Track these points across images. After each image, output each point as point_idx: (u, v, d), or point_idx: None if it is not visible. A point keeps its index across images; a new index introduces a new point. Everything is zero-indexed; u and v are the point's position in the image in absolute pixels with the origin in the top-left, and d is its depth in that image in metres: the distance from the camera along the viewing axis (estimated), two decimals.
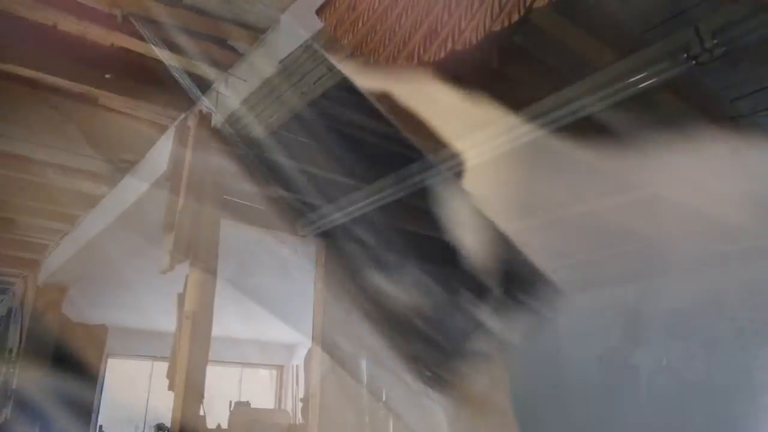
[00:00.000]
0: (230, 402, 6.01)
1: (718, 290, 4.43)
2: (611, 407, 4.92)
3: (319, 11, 1.65)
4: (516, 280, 4.52)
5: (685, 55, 2.04)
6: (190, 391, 2.02)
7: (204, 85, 2.29)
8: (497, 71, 2.34)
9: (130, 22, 1.89)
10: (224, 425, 5.36)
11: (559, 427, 5.02)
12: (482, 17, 1.14)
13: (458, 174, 2.95)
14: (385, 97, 2.51)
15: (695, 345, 4.52)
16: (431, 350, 4.15)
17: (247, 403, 6.25)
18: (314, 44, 1.74)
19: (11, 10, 1.87)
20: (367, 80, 2.36)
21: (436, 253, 4.36)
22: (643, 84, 2.20)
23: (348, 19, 1.52)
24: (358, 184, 3.23)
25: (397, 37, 1.34)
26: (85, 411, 4.95)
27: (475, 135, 2.60)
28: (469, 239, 3.89)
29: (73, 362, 4.87)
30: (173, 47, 2.05)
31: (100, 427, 6.65)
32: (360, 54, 1.46)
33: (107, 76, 2.25)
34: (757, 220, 3.91)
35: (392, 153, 2.99)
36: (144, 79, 2.25)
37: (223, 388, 8.75)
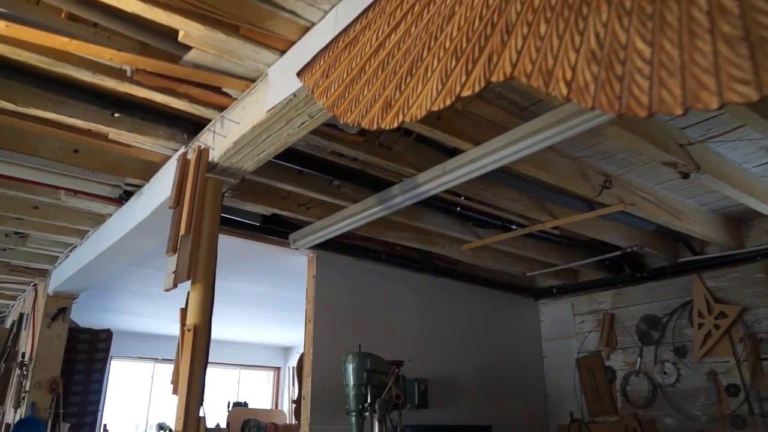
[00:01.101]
0: (228, 402, 6.29)
1: (686, 297, 4.72)
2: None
3: (299, 73, 1.94)
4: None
5: None
6: (192, 394, 2.28)
7: (202, 124, 2.58)
8: (461, 110, 2.63)
9: (138, 75, 2.17)
10: (223, 424, 5.65)
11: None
12: (424, 99, 1.42)
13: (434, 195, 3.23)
14: (363, 134, 2.81)
15: (666, 350, 4.81)
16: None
17: (245, 404, 6.53)
18: (296, 97, 2.03)
19: (34, 65, 2.16)
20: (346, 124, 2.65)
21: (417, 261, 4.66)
22: (592, 122, 2.48)
23: (323, 84, 1.80)
24: (345, 203, 3.52)
25: (360, 105, 1.62)
26: (92, 411, 5.22)
27: (446, 164, 2.88)
28: None
29: (80, 364, 5.16)
30: (175, 93, 2.34)
31: (105, 426, 6.94)
32: (332, 113, 1.74)
33: (116, 115, 2.54)
34: (717, 231, 4.21)
35: (375, 177, 3.28)
36: (149, 118, 2.55)
37: (221, 388, 9.04)
